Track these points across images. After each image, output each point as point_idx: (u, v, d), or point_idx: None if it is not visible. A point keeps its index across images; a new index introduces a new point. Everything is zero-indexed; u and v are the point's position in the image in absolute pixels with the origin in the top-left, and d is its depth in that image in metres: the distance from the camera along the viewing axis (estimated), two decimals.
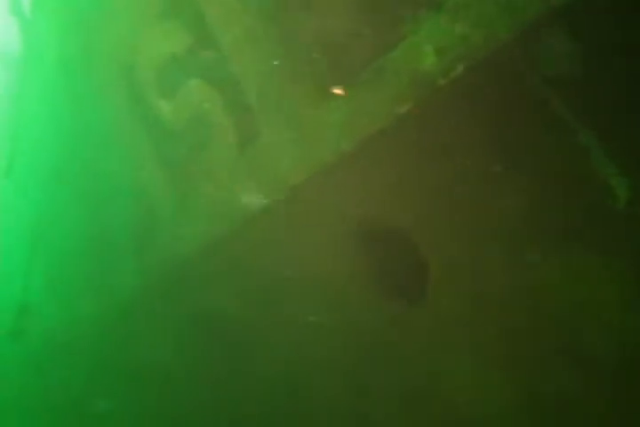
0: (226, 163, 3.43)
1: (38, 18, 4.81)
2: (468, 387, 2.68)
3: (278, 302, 3.49)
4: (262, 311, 3.59)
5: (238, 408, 3.92)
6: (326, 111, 2.72)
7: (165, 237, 4.06)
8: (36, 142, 5.14)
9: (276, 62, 2.88)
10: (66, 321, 5.14)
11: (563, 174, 1.87)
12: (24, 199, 5.51)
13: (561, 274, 2.03)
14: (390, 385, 3.09)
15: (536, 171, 1.98)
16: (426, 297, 2.78)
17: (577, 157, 1.79)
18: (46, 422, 5.40)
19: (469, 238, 2.33)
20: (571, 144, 1.79)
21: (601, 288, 1.97)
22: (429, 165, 2.49)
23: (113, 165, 4.52)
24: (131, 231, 4.54)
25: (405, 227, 2.84)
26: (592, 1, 1.67)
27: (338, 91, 2.80)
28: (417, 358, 2.92)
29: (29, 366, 5.55)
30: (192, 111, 3.57)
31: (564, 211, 1.92)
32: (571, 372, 2.20)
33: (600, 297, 1.98)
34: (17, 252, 5.64)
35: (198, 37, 3.32)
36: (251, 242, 3.51)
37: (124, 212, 4.59)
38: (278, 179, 3.10)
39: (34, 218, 5.45)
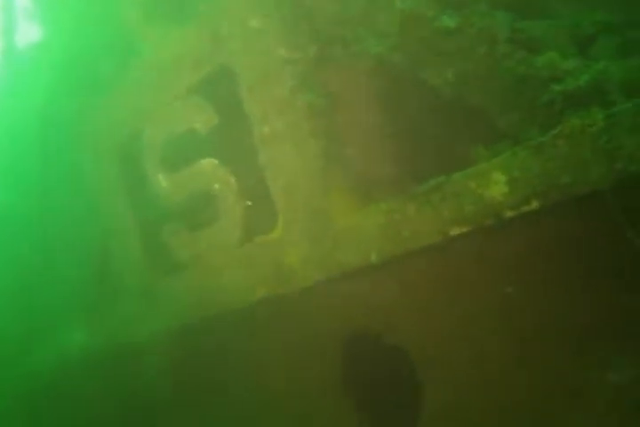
0: (223, 250, 3.25)
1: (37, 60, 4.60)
2: None
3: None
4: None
5: None
6: (362, 219, 2.62)
7: (123, 315, 3.74)
8: None
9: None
10: None
11: None
12: None
13: None
14: None
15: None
16: None
17: None
18: None
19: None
20: None
21: None
22: (465, 295, 2.40)
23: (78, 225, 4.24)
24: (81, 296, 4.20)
25: (407, 352, 2.71)
26: None
27: None
28: None
29: None
30: (195, 189, 3.41)
31: None
32: None
33: None
34: None
35: (228, 120, 3.23)
36: (225, 335, 3.27)
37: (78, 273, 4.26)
38: (283, 276, 2.93)
39: None
